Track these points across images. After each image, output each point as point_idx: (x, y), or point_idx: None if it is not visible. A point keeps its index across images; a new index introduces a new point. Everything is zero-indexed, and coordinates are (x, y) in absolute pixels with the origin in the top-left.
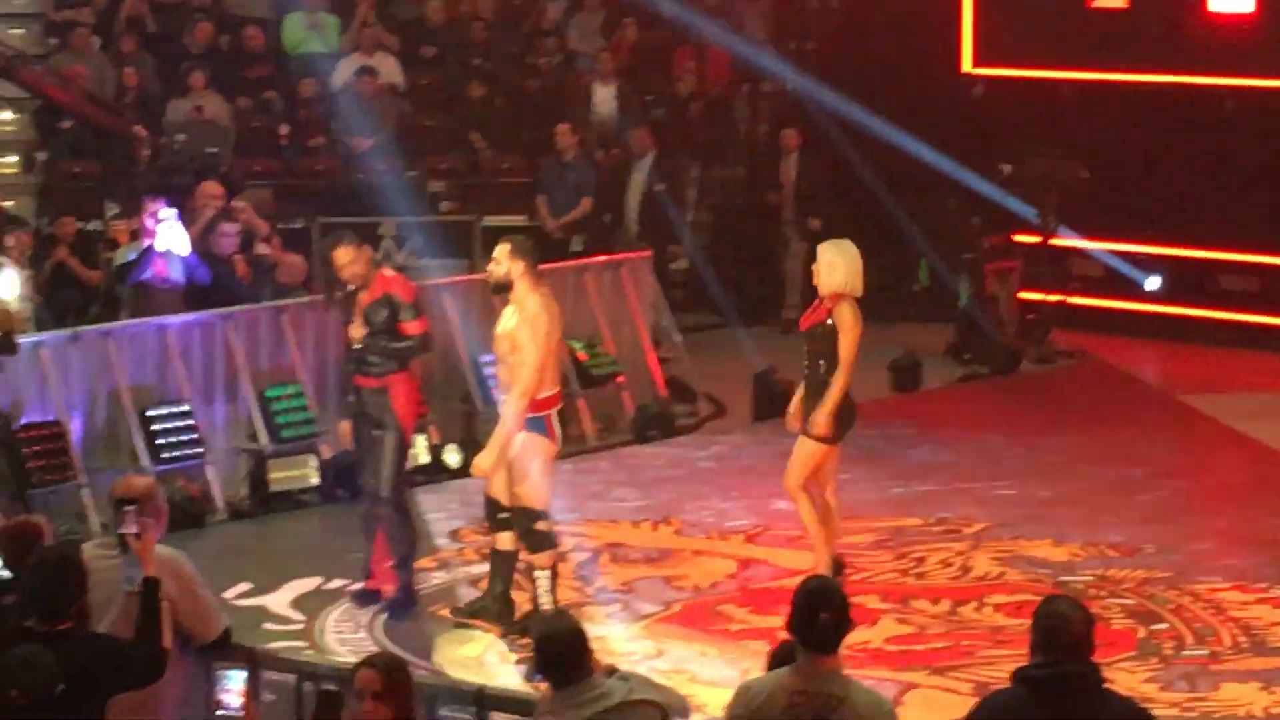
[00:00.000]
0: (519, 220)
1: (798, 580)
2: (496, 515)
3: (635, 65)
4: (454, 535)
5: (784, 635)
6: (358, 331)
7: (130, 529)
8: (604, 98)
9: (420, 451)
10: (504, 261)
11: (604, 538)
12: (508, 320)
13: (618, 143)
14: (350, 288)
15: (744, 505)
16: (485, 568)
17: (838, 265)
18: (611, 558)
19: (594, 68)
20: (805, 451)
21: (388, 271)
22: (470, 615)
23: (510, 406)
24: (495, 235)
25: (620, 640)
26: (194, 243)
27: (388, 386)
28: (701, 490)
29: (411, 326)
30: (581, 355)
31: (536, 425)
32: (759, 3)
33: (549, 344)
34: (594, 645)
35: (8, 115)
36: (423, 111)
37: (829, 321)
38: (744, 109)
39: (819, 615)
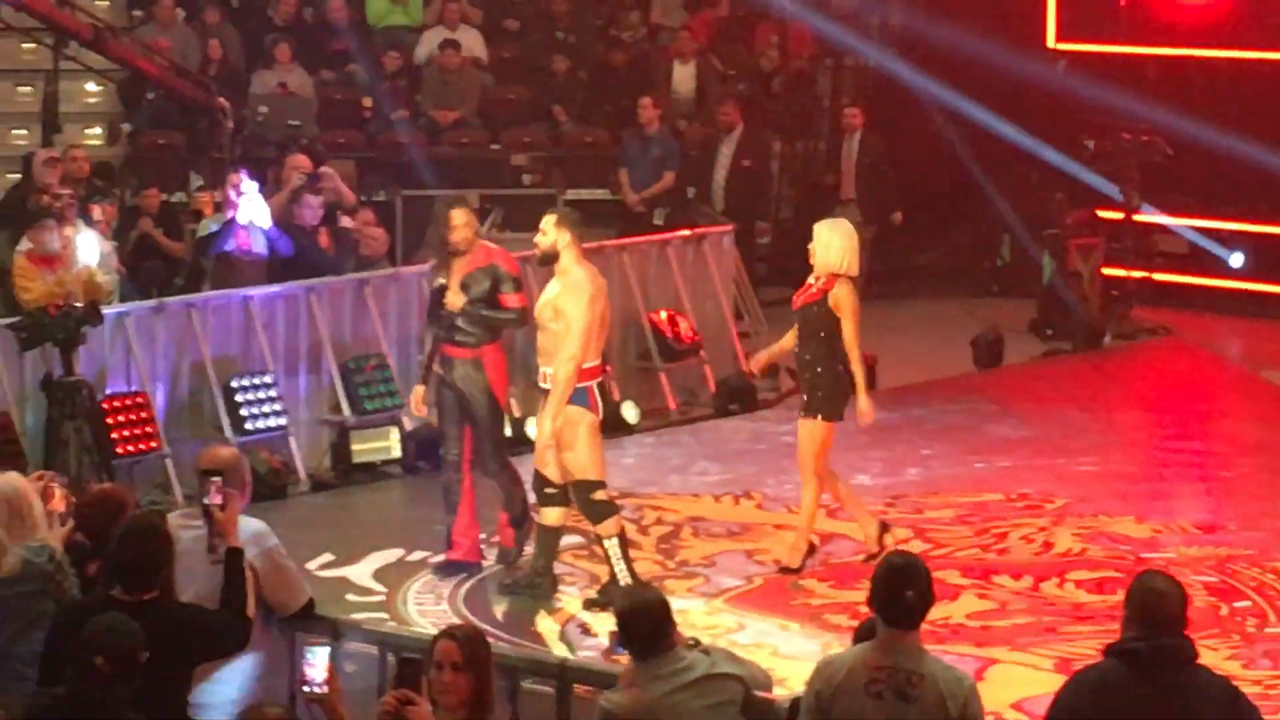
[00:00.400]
0: (601, 193)
1: (879, 556)
2: (544, 490)
3: (718, 40)
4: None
5: (866, 610)
6: (457, 299)
7: (215, 500)
8: (683, 76)
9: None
10: (550, 232)
11: (685, 511)
12: (550, 289)
13: (700, 117)
14: (452, 252)
15: None
16: (572, 539)
17: (834, 244)
18: (693, 531)
19: (674, 44)
20: (815, 434)
21: (490, 244)
22: (512, 589)
23: (560, 372)
24: (579, 208)
25: (701, 614)
26: (278, 214)
27: (480, 358)
28: (783, 464)
29: (512, 299)
30: (663, 328)
31: (579, 397)
32: None
33: (593, 313)
34: (676, 619)
35: (92, 87)
36: (506, 85)
37: (826, 302)
38: (826, 84)
39: (904, 592)
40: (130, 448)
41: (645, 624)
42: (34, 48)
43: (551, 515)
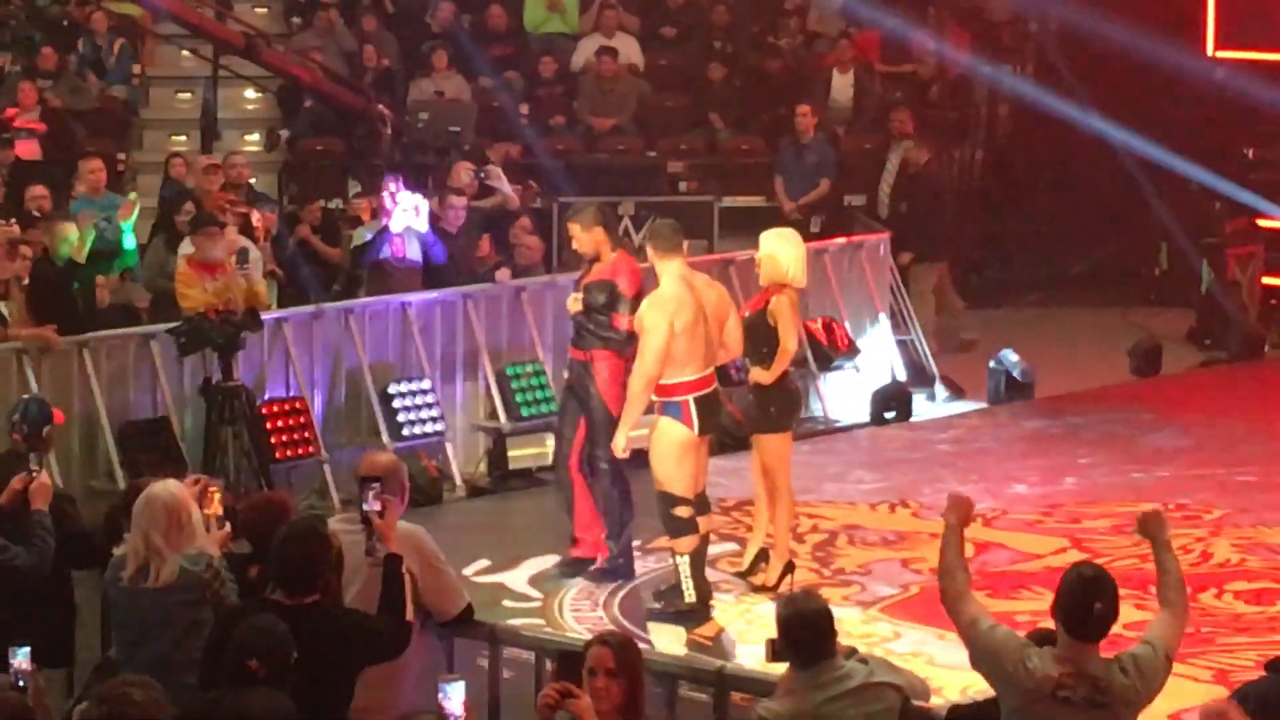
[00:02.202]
0: (757, 200)
1: (1035, 565)
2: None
3: (875, 47)
4: None
5: (1044, 623)
6: (575, 305)
7: (374, 506)
8: (841, 85)
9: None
10: (647, 250)
11: (841, 519)
12: (643, 303)
13: (856, 125)
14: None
15: (982, 488)
16: (723, 548)
17: (779, 255)
18: (849, 539)
19: (832, 53)
20: (773, 447)
21: (630, 257)
22: (674, 619)
23: (632, 386)
24: (734, 216)
25: (857, 623)
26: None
27: (591, 360)
28: (939, 473)
29: (624, 321)
30: (820, 336)
31: (673, 410)
32: None
33: (674, 327)
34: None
35: (251, 94)
36: (662, 92)
37: (767, 312)
38: (984, 90)
39: (1093, 605)
40: (289, 453)
41: (807, 632)
42: (193, 55)
43: (684, 544)
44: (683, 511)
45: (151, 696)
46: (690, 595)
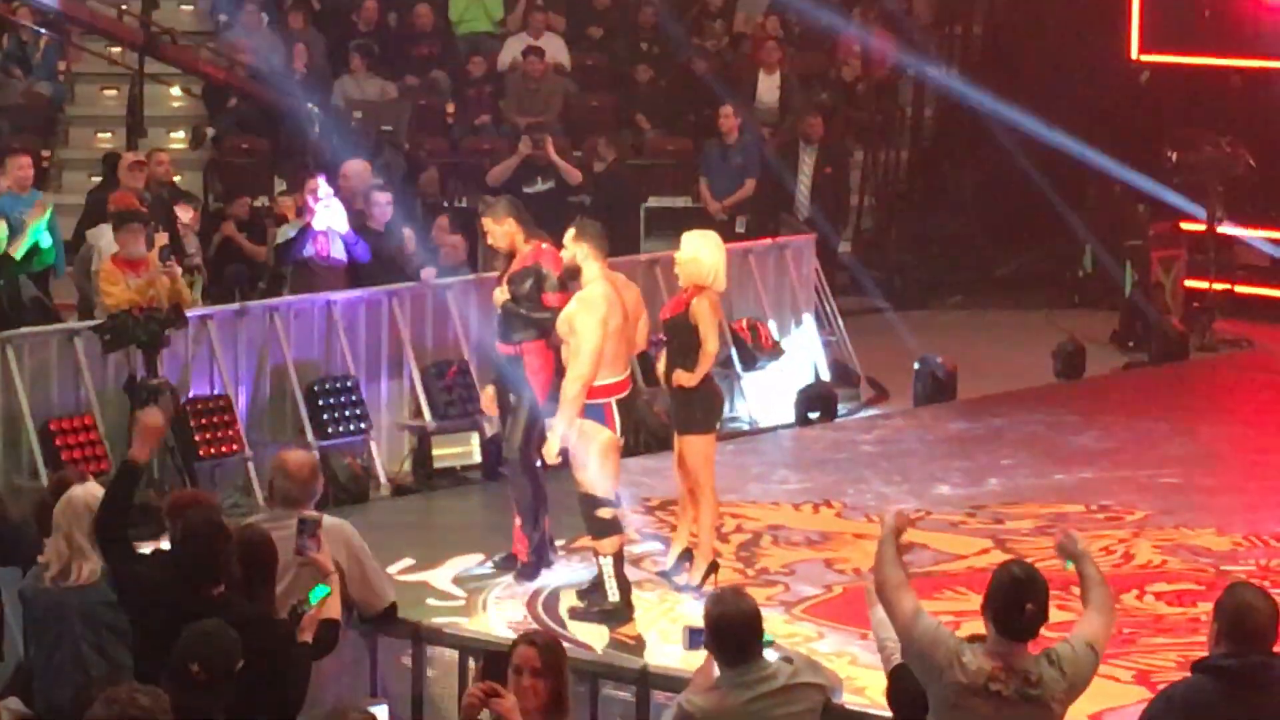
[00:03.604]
0: (683, 201)
1: (958, 566)
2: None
3: (799, 49)
4: None
5: (968, 624)
6: (501, 295)
7: (310, 547)
8: (768, 86)
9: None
10: (569, 245)
11: (765, 519)
12: (570, 305)
13: (782, 126)
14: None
15: (905, 489)
16: (647, 547)
17: (701, 257)
18: (773, 539)
19: (758, 56)
20: (698, 448)
21: (545, 245)
22: (596, 618)
23: (567, 389)
24: (660, 216)
25: (781, 623)
26: (351, 219)
27: (522, 355)
28: (863, 474)
29: (554, 299)
30: (745, 336)
31: (595, 413)
32: None
33: (606, 330)
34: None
35: (176, 91)
36: (589, 92)
37: (688, 313)
38: (909, 93)
39: (1025, 605)
40: (213, 450)
41: (736, 632)
42: (120, 51)
43: (607, 544)
44: (605, 513)
45: (160, 705)
46: (614, 595)
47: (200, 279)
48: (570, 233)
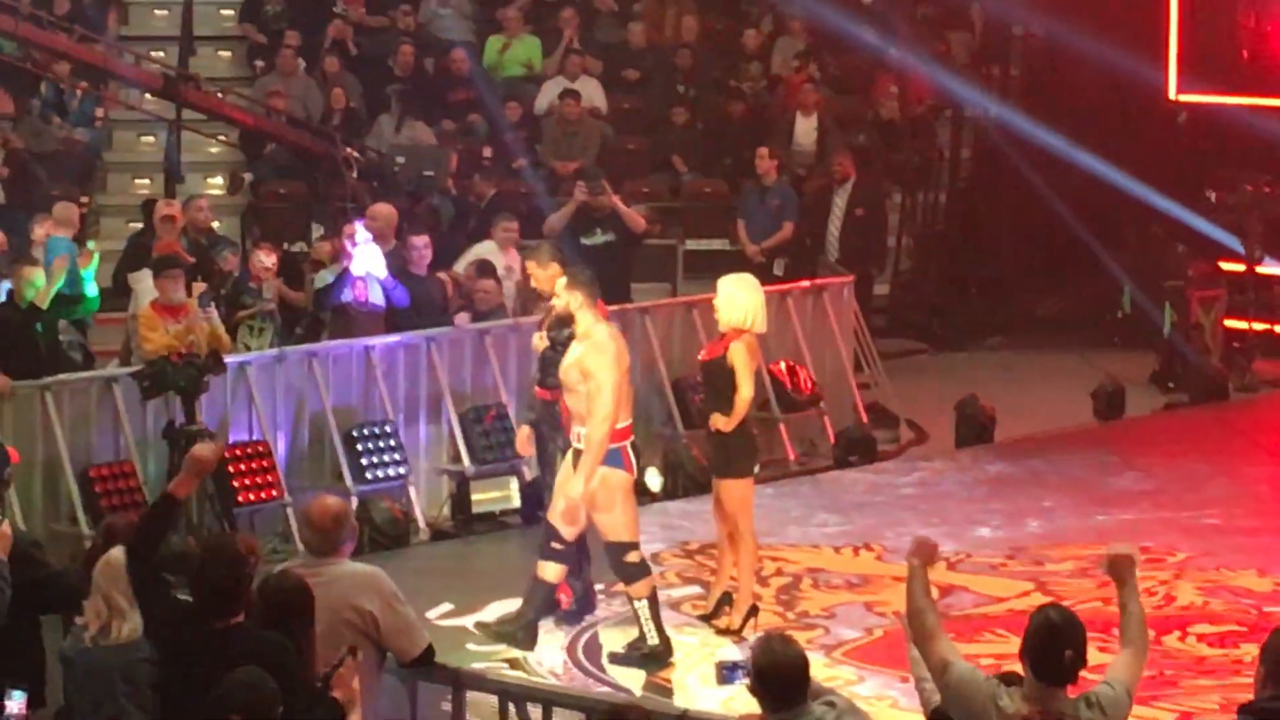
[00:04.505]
0: (720, 244)
1: (998, 608)
2: (551, 544)
3: (836, 91)
4: (654, 558)
5: (1008, 665)
6: (540, 342)
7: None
8: (805, 128)
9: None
10: (562, 295)
11: (805, 562)
12: (573, 351)
13: (819, 169)
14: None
15: (945, 532)
16: (687, 590)
17: (737, 300)
18: (813, 583)
19: (794, 99)
20: (736, 492)
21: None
22: (495, 636)
23: (594, 432)
24: (697, 259)
25: (821, 666)
26: (388, 263)
27: (559, 400)
28: (902, 516)
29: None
30: (783, 379)
31: (613, 458)
32: (963, 29)
33: (620, 370)
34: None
35: (214, 137)
36: (625, 135)
37: (726, 359)
38: (947, 134)
39: (1062, 651)
40: (251, 496)
41: (784, 678)
42: (155, 99)
43: (549, 569)
44: (634, 556)
45: None
46: (653, 638)
47: (273, 324)
48: (561, 281)
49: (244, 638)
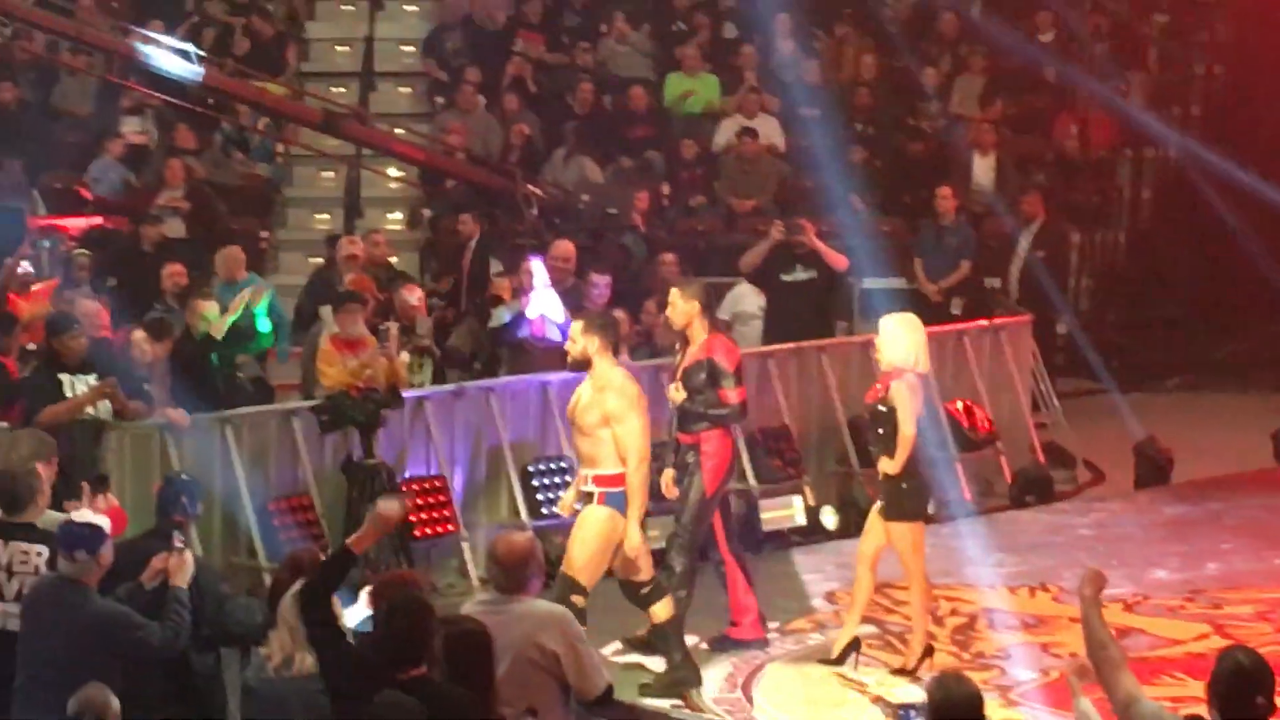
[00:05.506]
0: (898, 283)
1: (1176, 651)
2: (639, 594)
3: (1015, 130)
4: (829, 597)
5: (1187, 709)
6: (677, 395)
7: None
8: (983, 168)
9: (796, 513)
10: (579, 339)
11: (980, 603)
12: (587, 395)
13: (998, 208)
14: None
15: (1123, 574)
16: (862, 630)
17: (900, 339)
18: (988, 623)
19: (973, 138)
20: (908, 536)
21: (723, 335)
22: (667, 690)
23: (634, 476)
24: (875, 297)
25: (996, 707)
26: (565, 300)
27: (699, 444)
28: (1079, 557)
29: (731, 395)
30: (960, 418)
31: (615, 500)
32: (1142, 69)
33: (644, 414)
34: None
35: (394, 173)
36: (803, 173)
37: (888, 398)
38: (1126, 174)
39: (1253, 697)
40: (428, 530)
41: (961, 716)
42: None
43: (661, 610)
44: (579, 601)
45: None
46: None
47: (430, 361)
48: (577, 325)
49: (429, 692)
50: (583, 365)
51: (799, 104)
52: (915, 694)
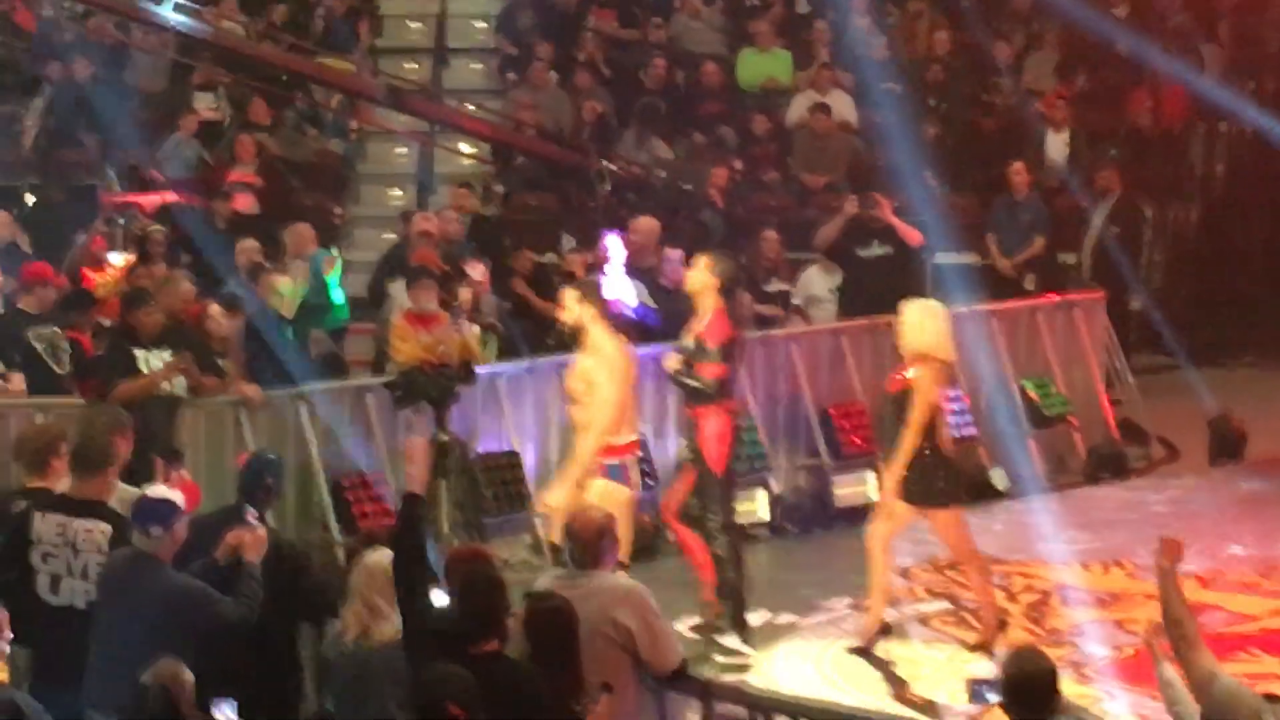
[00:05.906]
0: (970, 258)
1: (1251, 627)
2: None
3: (1088, 105)
4: (904, 574)
5: (1262, 687)
6: (672, 361)
7: None
8: (1055, 144)
9: (869, 489)
10: (574, 307)
11: (1054, 579)
12: (582, 363)
13: (1071, 183)
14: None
15: (1197, 549)
16: (935, 606)
17: (925, 326)
18: (1062, 599)
19: (1046, 113)
20: (952, 522)
21: (725, 315)
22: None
23: (586, 444)
24: (946, 273)
25: (1070, 683)
26: (640, 276)
27: (695, 418)
28: (1153, 533)
29: (708, 370)
30: (1033, 395)
31: (615, 472)
32: (1215, 42)
33: (627, 387)
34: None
35: (465, 149)
36: (875, 149)
37: (909, 386)
38: (1200, 148)
39: None
40: (501, 506)
41: (1034, 689)
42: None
43: None
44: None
45: None
46: None
47: (494, 338)
48: (572, 294)
49: (501, 667)
50: (578, 333)
51: (872, 80)
52: (990, 669)
